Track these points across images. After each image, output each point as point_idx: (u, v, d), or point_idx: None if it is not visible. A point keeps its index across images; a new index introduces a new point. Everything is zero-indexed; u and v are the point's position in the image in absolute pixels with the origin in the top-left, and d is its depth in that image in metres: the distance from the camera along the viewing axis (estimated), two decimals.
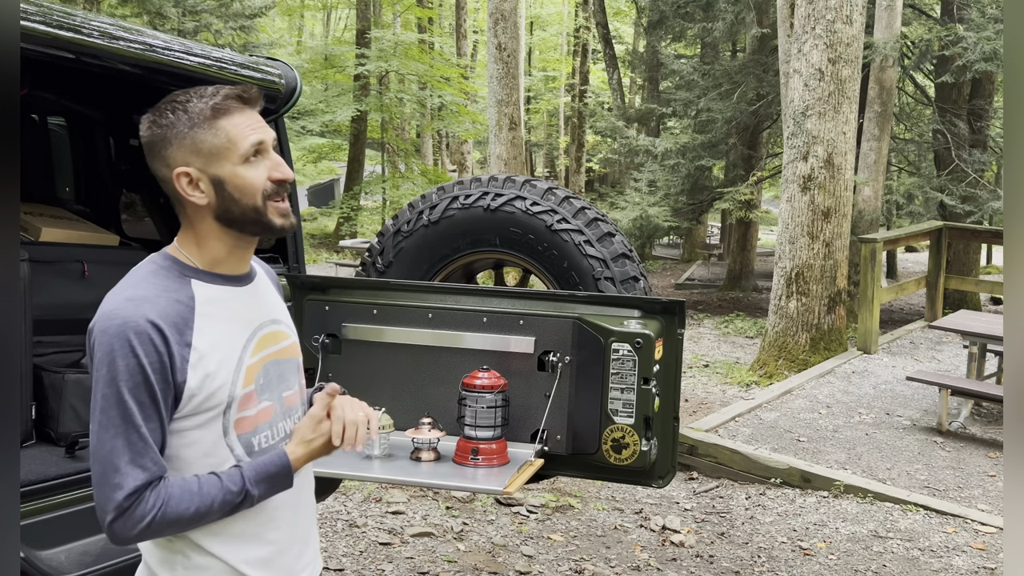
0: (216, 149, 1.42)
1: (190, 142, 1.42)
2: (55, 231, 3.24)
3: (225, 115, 1.43)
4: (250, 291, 1.55)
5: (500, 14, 11.66)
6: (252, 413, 1.49)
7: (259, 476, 1.45)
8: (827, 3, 7.93)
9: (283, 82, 3.05)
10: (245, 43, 15.91)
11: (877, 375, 7.65)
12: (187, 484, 1.39)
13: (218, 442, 1.45)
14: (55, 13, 2.25)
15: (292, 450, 1.49)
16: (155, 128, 1.43)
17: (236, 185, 1.44)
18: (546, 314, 2.49)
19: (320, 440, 1.50)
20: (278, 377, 1.56)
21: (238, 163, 1.43)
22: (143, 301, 1.38)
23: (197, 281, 1.46)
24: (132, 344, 1.34)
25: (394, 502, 4.77)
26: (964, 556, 4.36)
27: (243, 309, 1.51)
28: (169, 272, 1.45)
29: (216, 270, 1.49)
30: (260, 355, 1.51)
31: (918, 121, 14.17)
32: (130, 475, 1.34)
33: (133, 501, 1.34)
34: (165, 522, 1.37)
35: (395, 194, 18.35)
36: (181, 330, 1.40)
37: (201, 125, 1.42)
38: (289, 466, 1.48)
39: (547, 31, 33.46)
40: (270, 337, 1.55)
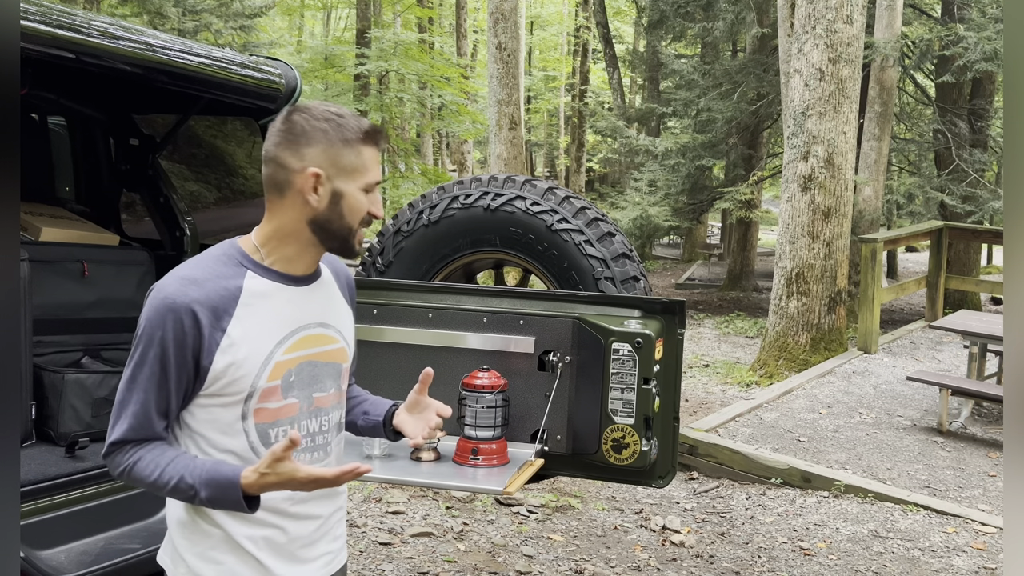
0: (352, 167, 1.55)
1: (335, 152, 1.53)
2: (55, 231, 3.23)
3: (368, 144, 1.57)
4: (307, 291, 1.62)
5: (500, 14, 11.65)
6: (274, 406, 1.56)
7: (210, 480, 1.47)
8: (827, 3, 7.92)
9: (283, 82, 3.05)
10: (245, 43, 15.90)
11: (877, 375, 7.64)
12: (158, 456, 1.50)
13: (235, 423, 1.54)
14: (55, 13, 2.25)
15: (246, 474, 1.46)
16: (306, 124, 1.53)
17: (350, 204, 1.56)
18: (546, 314, 2.49)
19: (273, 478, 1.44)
20: (311, 377, 1.61)
21: (360, 187, 1.56)
22: (192, 283, 1.50)
23: (252, 273, 1.55)
24: (165, 321, 1.47)
25: (394, 502, 4.77)
26: (964, 556, 4.36)
27: (290, 307, 1.59)
28: (230, 260, 1.55)
29: (277, 267, 1.58)
30: (296, 354, 1.58)
31: (918, 121, 14.17)
32: (119, 427, 1.51)
33: (115, 449, 1.51)
34: (132, 478, 1.51)
35: (395, 194, 18.36)
36: (219, 315, 1.49)
37: (350, 143, 1.54)
38: (237, 484, 1.44)
39: (547, 31, 33.45)
40: (313, 339, 1.62)
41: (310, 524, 1.64)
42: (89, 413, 2.93)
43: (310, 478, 1.47)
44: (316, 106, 1.57)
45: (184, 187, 3.56)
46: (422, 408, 1.84)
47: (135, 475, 1.51)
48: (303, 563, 1.63)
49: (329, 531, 1.68)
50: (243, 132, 3.51)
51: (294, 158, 1.53)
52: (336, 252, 1.62)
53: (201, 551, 1.56)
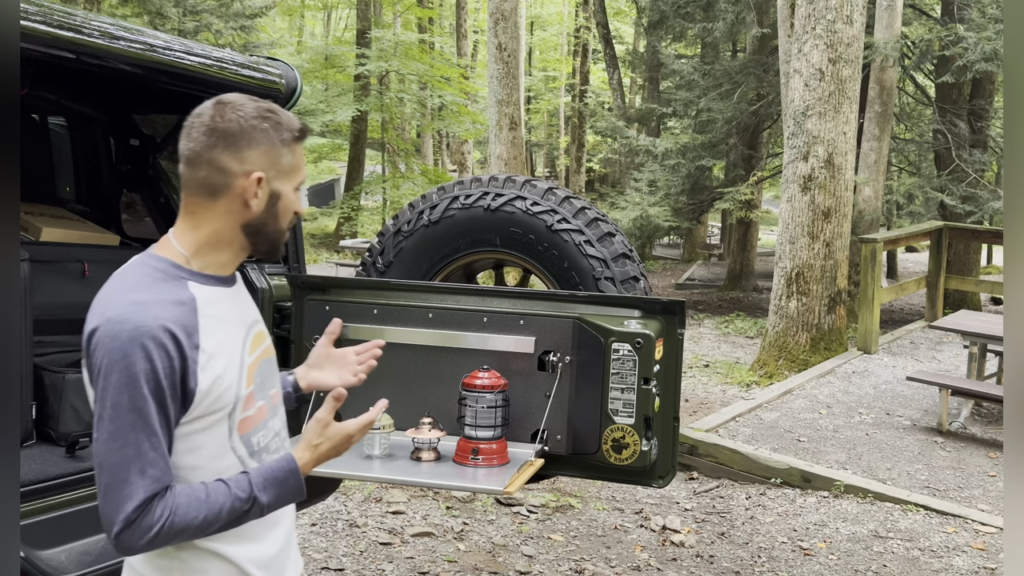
0: (289, 168, 1.50)
1: (276, 153, 1.47)
2: (55, 231, 3.24)
3: (300, 142, 1.52)
4: (236, 292, 1.57)
5: (500, 14, 11.65)
6: (252, 413, 1.51)
7: (267, 481, 1.43)
8: (827, 3, 7.93)
9: (283, 82, 3.05)
10: (245, 43, 15.91)
11: (877, 375, 7.64)
12: (194, 492, 1.38)
13: (223, 444, 1.46)
14: (55, 13, 2.25)
15: (299, 455, 1.48)
16: (244, 123, 1.45)
17: (285, 204, 1.51)
18: (546, 314, 2.49)
19: (327, 445, 1.49)
20: (267, 376, 1.58)
21: (295, 187, 1.52)
22: (151, 305, 1.37)
23: (193, 283, 1.46)
24: (148, 350, 1.34)
25: (394, 502, 4.77)
26: (964, 556, 4.36)
27: (236, 309, 1.53)
28: (166, 274, 1.44)
29: (208, 271, 1.49)
30: (255, 354, 1.54)
31: (918, 121, 14.17)
32: (139, 485, 1.33)
33: (141, 512, 1.32)
34: (173, 532, 1.35)
35: (395, 194, 18.35)
36: (190, 333, 1.40)
37: (288, 143, 1.49)
38: (297, 470, 1.46)
39: (547, 31, 33.45)
40: (259, 336, 1.58)
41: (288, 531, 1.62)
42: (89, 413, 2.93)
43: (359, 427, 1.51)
44: (244, 101, 1.48)
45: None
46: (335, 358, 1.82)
47: (176, 528, 1.35)
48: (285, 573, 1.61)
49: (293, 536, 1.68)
50: None
51: (234, 161, 1.44)
52: (263, 255, 1.54)
53: None
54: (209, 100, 1.49)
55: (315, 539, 4.26)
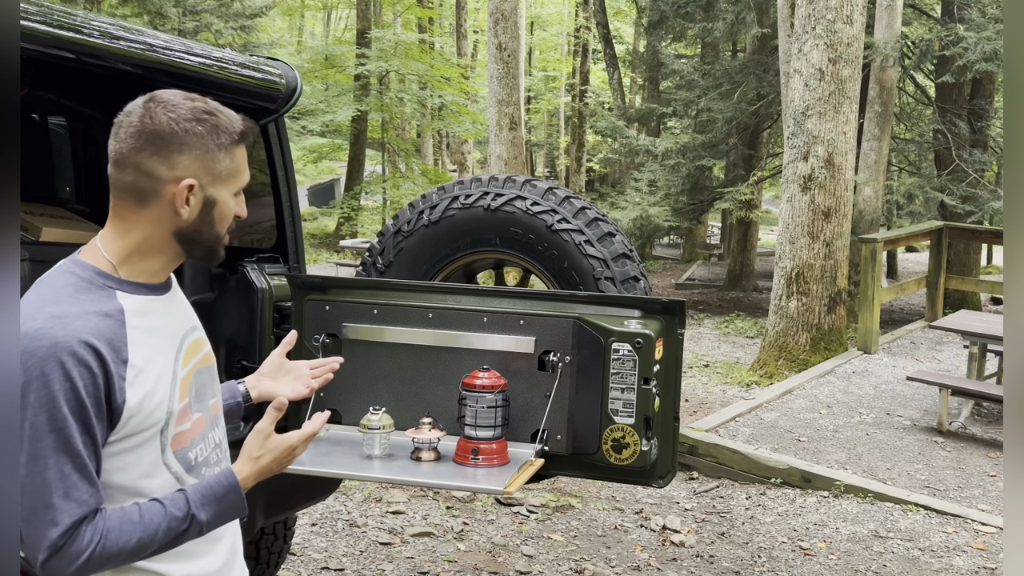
0: (227, 173, 1.40)
1: (211, 158, 1.38)
2: (55, 231, 3.23)
3: (241, 144, 1.43)
4: (170, 299, 1.47)
5: (500, 14, 11.65)
6: (187, 427, 1.43)
7: (205, 498, 1.36)
8: (827, 3, 7.93)
9: (283, 82, 3.05)
10: (245, 43, 15.91)
11: (877, 375, 7.64)
12: (127, 514, 1.30)
13: (156, 462, 1.37)
14: (55, 13, 2.25)
15: (239, 469, 1.42)
16: (175, 126, 1.35)
17: (222, 211, 1.42)
18: (546, 314, 2.49)
19: (268, 457, 1.43)
20: (204, 387, 1.51)
21: (233, 192, 1.43)
22: (73, 318, 1.28)
23: (122, 292, 1.36)
24: (66, 367, 1.24)
25: (394, 502, 4.77)
26: (964, 556, 4.36)
27: (169, 319, 1.44)
28: (92, 284, 1.34)
29: (139, 279, 1.40)
30: (189, 365, 1.46)
31: (918, 121, 14.17)
32: (64, 510, 1.24)
33: (68, 538, 1.24)
34: (104, 557, 1.26)
35: (395, 194, 18.36)
36: (116, 347, 1.30)
37: (226, 147, 1.39)
38: (237, 485, 1.40)
39: (547, 31, 33.46)
40: (194, 346, 1.50)
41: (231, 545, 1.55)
42: None
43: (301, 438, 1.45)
44: (179, 101, 1.37)
45: None
46: (288, 370, 1.77)
47: (108, 553, 1.26)
48: None
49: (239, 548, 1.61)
50: None
51: (163, 166, 1.34)
52: (201, 260, 1.46)
53: None
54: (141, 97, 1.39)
55: (315, 539, 4.26)
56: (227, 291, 3.12)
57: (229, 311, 3.12)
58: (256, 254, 3.19)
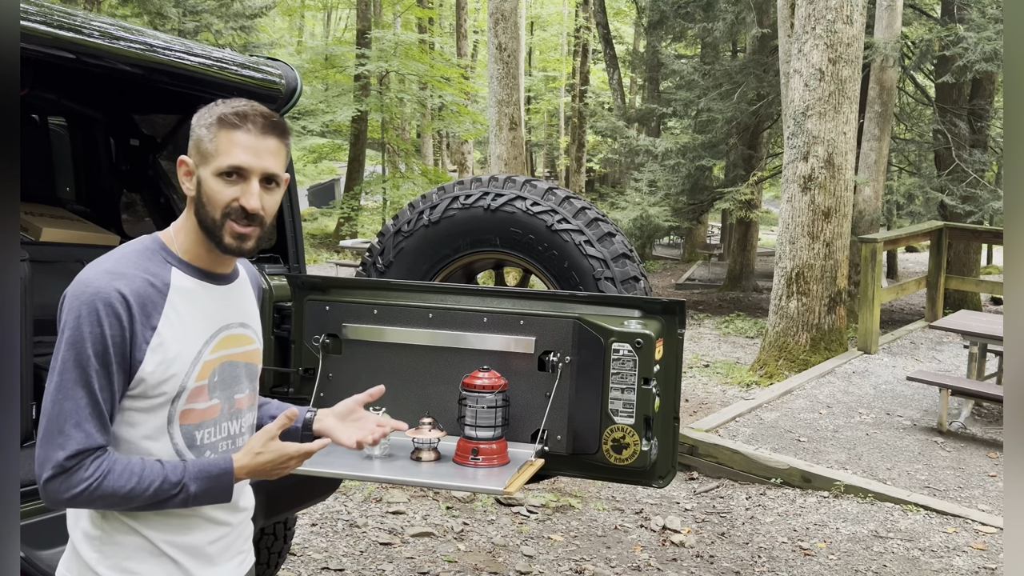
0: (207, 152, 1.50)
1: (197, 138, 1.51)
2: (55, 231, 3.24)
3: (227, 128, 1.50)
4: (226, 291, 1.60)
5: (500, 14, 11.65)
6: (200, 407, 1.53)
7: (200, 472, 1.46)
8: (827, 3, 7.93)
9: (283, 82, 3.05)
10: (245, 43, 15.91)
11: (877, 375, 7.64)
12: (130, 463, 1.43)
13: (161, 428, 1.49)
14: (55, 13, 2.25)
15: (238, 458, 1.51)
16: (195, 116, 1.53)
17: (206, 191, 1.50)
18: (546, 314, 2.49)
19: (266, 457, 1.50)
20: (232, 378, 1.59)
21: (213, 173, 1.50)
22: (119, 276, 1.43)
23: (177, 270, 1.51)
24: (99, 313, 1.39)
25: (394, 502, 4.77)
26: (964, 556, 4.36)
27: (214, 306, 1.56)
28: (154, 255, 1.51)
29: (196, 263, 1.54)
30: (220, 353, 1.56)
31: (918, 121, 14.16)
32: (74, 437, 1.38)
33: (74, 464, 1.38)
34: (98, 493, 1.39)
35: (395, 194, 18.36)
36: (148, 312, 1.44)
37: (207, 127, 1.51)
38: (231, 471, 1.49)
39: (547, 31, 33.46)
40: (234, 339, 1.60)
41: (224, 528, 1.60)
42: None
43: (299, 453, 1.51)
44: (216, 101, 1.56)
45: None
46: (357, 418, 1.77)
47: (105, 489, 1.40)
48: (220, 565, 1.60)
49: (241, 532, 1.66)
50: None
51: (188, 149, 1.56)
52: (216, 246, 1.53)
53: (115, 562, 1.49)
54: None
55: (315, 539, 4.26)
56: None
57: None
58: (256, 254, 3.19)
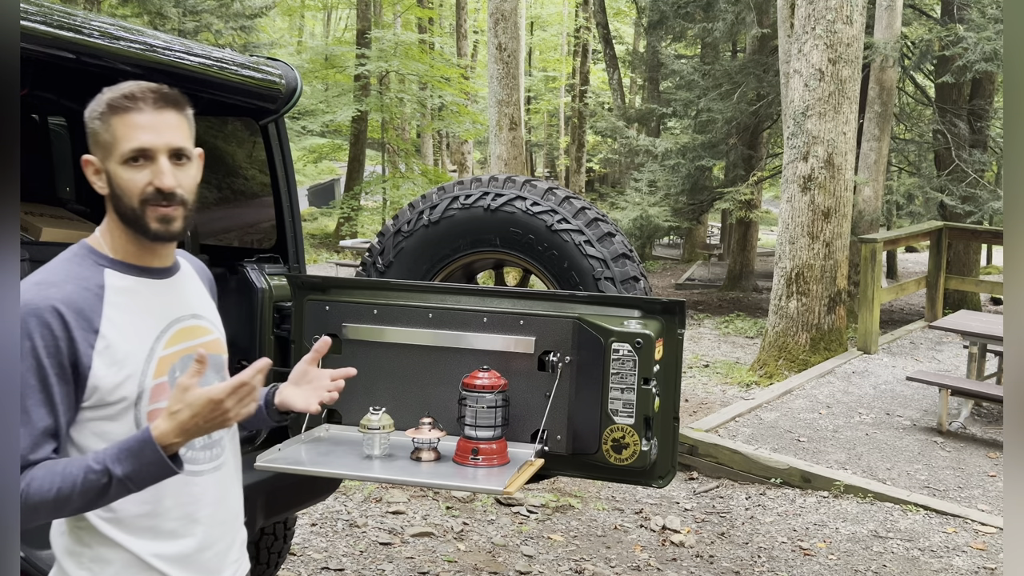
0: (106, 144, 1.45)
1: (91, 134, 1.46)
2: (55, 231, 3.23)
3: (120, 113, 1.43)
4: (169, 284, 1.55)
5: (500, 14, 11.65)
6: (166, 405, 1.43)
7: (120, 452, 1.35)
8: (827, 3, 7.93)
9: (283, 82, 3.05)
10: (245, 43, 15.92)
11: (877, 375, 7.64)
12: (53, 466, 1.35)
13: (130, 434, 1.41)
14: (55, 13, 2.25)
15: (156, 424, 1.37)
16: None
17: (118, 184, 1.46)
18: (546, 314, 2.49)
19: (187, 412, 1.34)
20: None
21: (119, 162, 1.45)
22: (50, 286, 1.40)
23: (111, 271, 1.48)
24: (29, 328, 1.35)
25: (394, 502, 4.77)
26: (964, 556, 4.36)
27: (158, 301, 1.52)
28: (83, 260, 1.48)
29: (130, 260, 1.50)
30: (176, 348, 1.51)
31: (918, 121, 14.17)
32: None
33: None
34: (31, 504, 1.32)
35: (395, 194, 18.36)
36: (87, 317, 1.40)
37: (99, 118, 1.45)
38: (151, 440, 1.34)
39: (547, 31, 33.46)
40: (188, 331, 1.55)
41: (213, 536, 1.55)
42: None
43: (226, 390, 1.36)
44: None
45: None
46: (311, 378, 1.71)
47: (34, 499, 1.32)
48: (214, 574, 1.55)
49: (234, 540, 1.62)
50: (243, 132, 3.51)
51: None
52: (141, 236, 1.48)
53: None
54: None
55: (315, 539, 4.26)
56: (227, 291, 3.13)
57: (229, 311, 3.11)
58: (256, 254, 3.19)
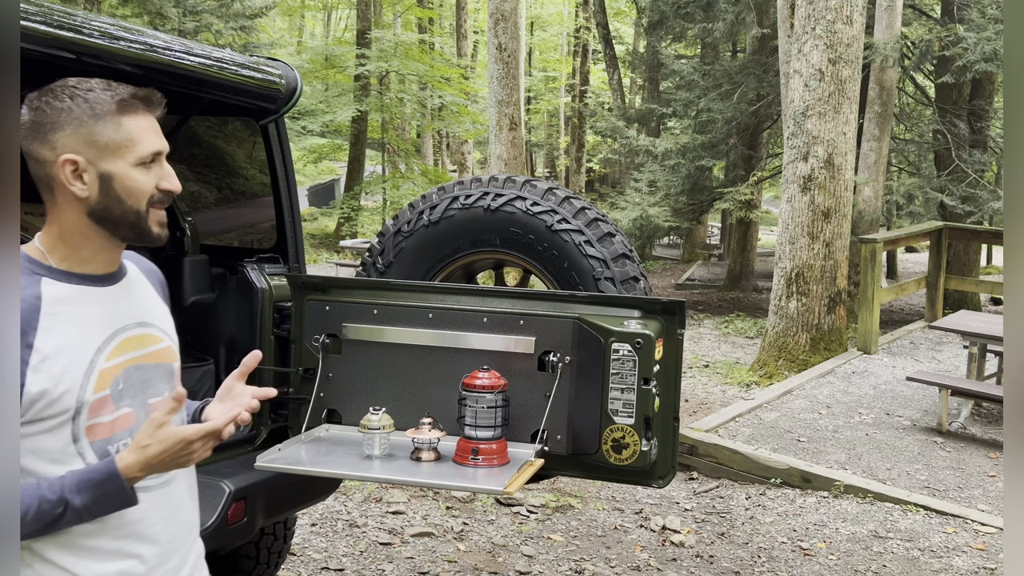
0: (114, 145, 1.38)
1: (87, 132, 1.36)
2: None
3: (130, 113, 1.39)
4: (115, 291, 1.46)
5: (500, 14, 11.66)
6: (107, 419, 1.40)
7: (81, 483, 1.30)
8: (827, 3, 7.93)
9: (283, 82, 3.05)
10: (245, 43, 15.92)
11: (877, 375, 7.65)
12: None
13: (66, 448, 1.35)
14: (55, 13, 2.25)
15: (123, 456, 1.32)
16: (46, 109, 1.36)
17: (125, 185, 1.39)
18: (546, 314, 2.49)
19: (157, 448, 1.32)
20: (142, 383, 1.46)
21: (132, 164, 1.39)
22: None
23: (48, 280, 1.38)
24: None
25: (394, 502, 4.77)
26: (964, 556, 4.36)
27: (101, 310, 1.42)
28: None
29: (74, 269, 1.41)
30: (120, 359, 1.42)
31: (918, 121, 14.17)
32: None
33: None
34: None
35: (395, 194, 18.37)
36: (23, 331, 1.30)
37: (103, 117, 1.37)
38: (117, 473, 1.31)
39: (547, 31, 33.47)
40: (135, 340, 1.46)
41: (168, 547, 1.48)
42: None
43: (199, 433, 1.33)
44: (62, 84, 1.38)
45: (184, 187, 3.55)
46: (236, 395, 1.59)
47: None
48: None
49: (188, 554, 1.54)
50: (243, 132, 3.51)
51: (45, 148, 1.36)
52: (134, 241, 1.43)
53: None
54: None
55: (315, 539, 4.26)
56: (227, 291, 3.13)
57: (229, 311, 3.13)
58: (256, 254, 3.19)
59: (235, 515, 2.65)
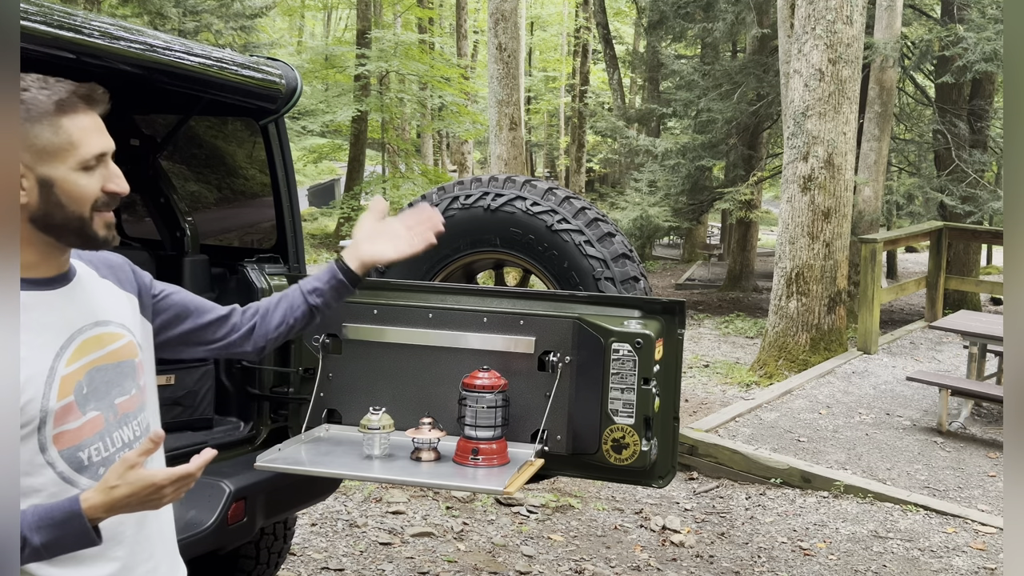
0: (54, 148, 1.30)
1: (22, 135, 1.28)
2: None
3: (70, 114, 1.31)
4: (65, 293, 1.39)
5: (500, 14, 11.66)
6: (75, 426, 1.34)
7: (42, 521, 1.24)
8: (827, 3, 7.93)
9: (283, 82, 3.05)
10: (246, 43, 15.93)
11: (877, 375, 7.64)
12: None
13: (34, 460, 1.30)
14: (55, 13, 2.26)
15: (88, 495, 1.26)
16: None
17: (66, 190, 1.31)
18: (546, 314, 2.49)
19: (125, 490, 1.25)
20: (106, 384, 1.40)
21: (74, 168, 1.32)
22: None
23: None
24: None
25: (394, 502, 4.77)
26: (964, 556, 4.36)
27: (55, 314, 1.35)
28: None
29: (21, 274, 1.32)
30: (81, 362, 1.36)
31: (918, 121, 14.17)
32: None
33: None
34: None
35: (395, 194, 18.36)
36: None
37: (40, 120, 1.29)
38: (80, 512, 1.25)
39: (547, 31, 33.47)
40: (94, 341, 1.40)
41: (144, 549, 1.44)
42: None
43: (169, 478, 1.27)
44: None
45: (184, 187, 3.56)
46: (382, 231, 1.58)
47: None
48: None
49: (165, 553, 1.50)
50: (243, 132, 3.51)
51: None
52: (80, 247, 1.37)
53: None
54: None
55: (315, 539, 4.26)
56: (227, 291, 3.13)
57: None
58: (256, 254, 3.19)
59: (235, 515, 2.65)
